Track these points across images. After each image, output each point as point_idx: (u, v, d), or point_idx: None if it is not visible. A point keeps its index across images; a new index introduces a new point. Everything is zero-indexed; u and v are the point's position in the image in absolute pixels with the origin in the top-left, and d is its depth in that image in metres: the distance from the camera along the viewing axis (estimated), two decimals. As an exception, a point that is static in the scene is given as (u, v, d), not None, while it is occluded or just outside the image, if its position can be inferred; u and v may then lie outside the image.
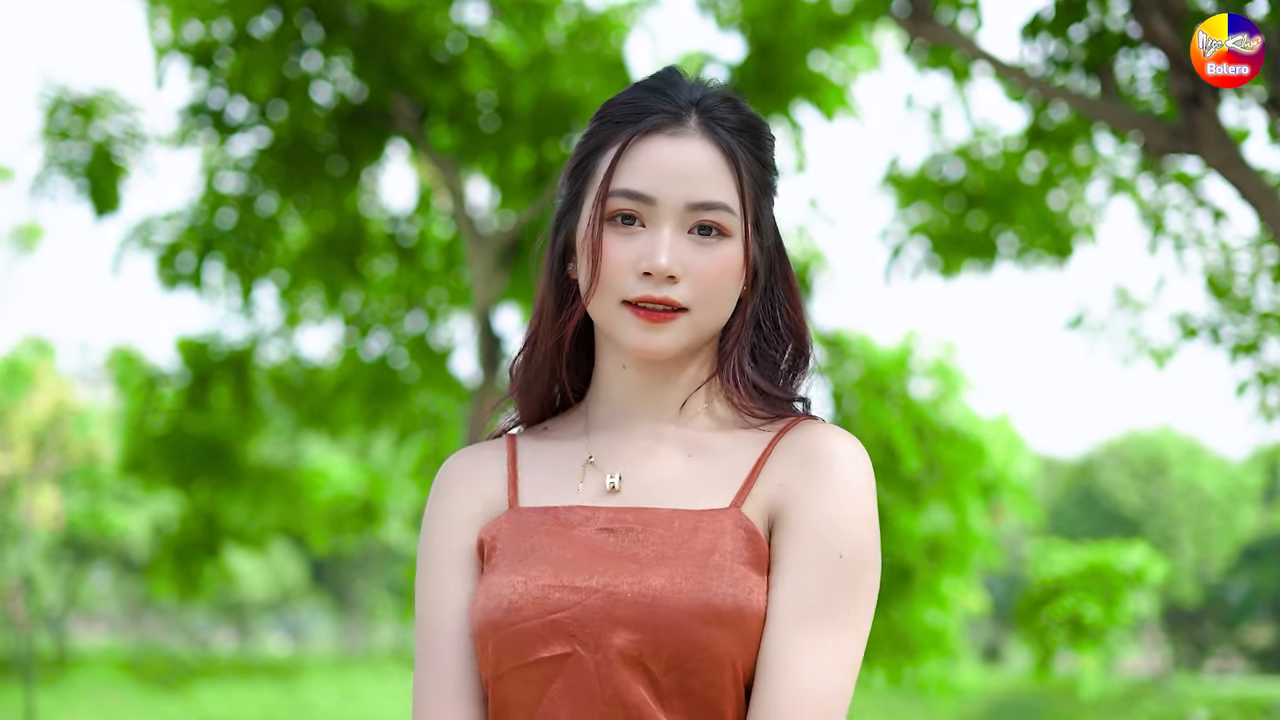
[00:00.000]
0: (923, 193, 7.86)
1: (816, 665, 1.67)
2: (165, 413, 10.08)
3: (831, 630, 1.69)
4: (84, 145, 8.88)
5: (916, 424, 8.34)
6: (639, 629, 1.70)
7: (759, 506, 1.76)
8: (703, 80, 1.89)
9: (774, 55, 7.73)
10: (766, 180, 1.87)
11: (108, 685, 33.11)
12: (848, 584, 1.71)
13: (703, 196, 1.79)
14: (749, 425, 1.84)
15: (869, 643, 7.48)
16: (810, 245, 9.15)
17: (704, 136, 1.82)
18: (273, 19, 8.16)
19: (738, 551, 1.72)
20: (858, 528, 1.72)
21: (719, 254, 1.80)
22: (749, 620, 1.70)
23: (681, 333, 1.80)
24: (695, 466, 1.82)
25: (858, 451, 1.76)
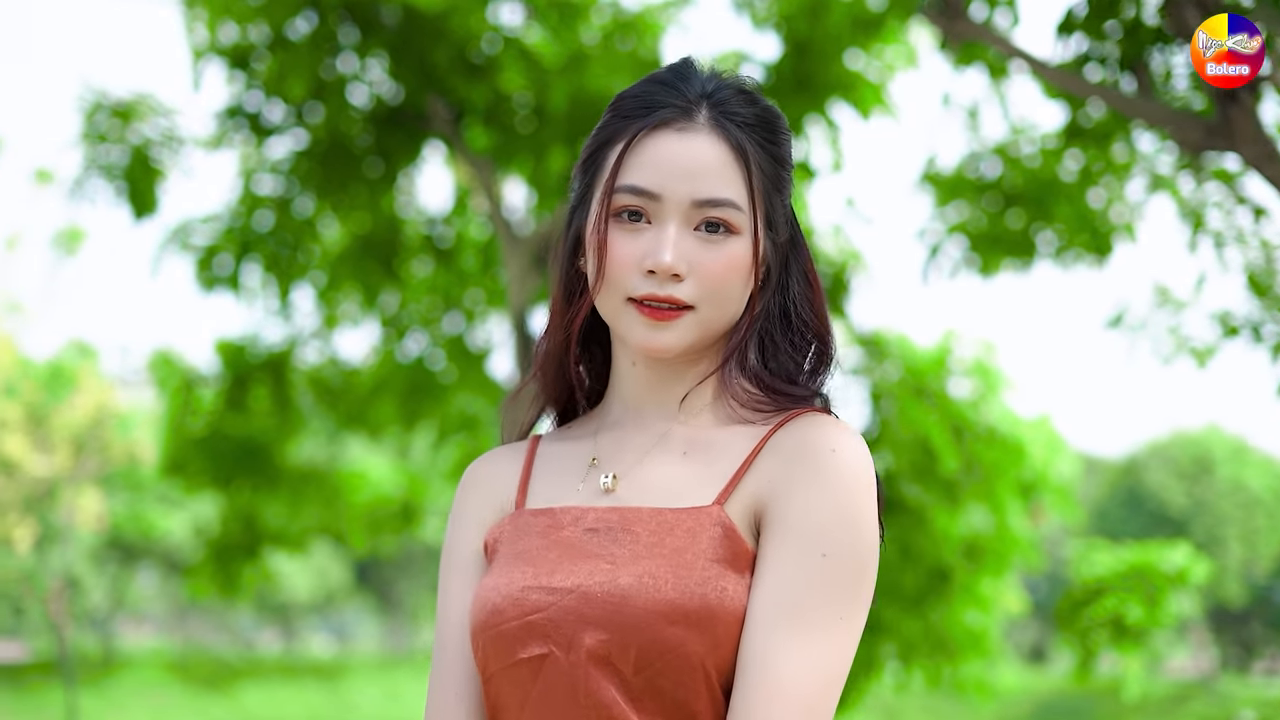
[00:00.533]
0: (960, 191, 7.81)
1: (794, 668, 1.63)
2: (204, 415, 10.11)
3: (811, 632, 1.64)
4: (122, 148, 8.92)
5: (955, 424, 8.28)
6: (607, 628, 1.68)
7: (744, 503, 1.73)
8: (718, 71, 1.86)
9: (809, 54, 7.69)
10: (779, 176, 1.84)
11: (154, 686, 33.32)
12: (831, 584, 1.66)
13: (709, 193, 1.77)
14: (749, 421, 1.81)
15: (907, 644, 7.47)
16: (847, 245, 9.10)
17: (713, 131, 1.79)
18: (309, 21, 8.17)
19: (712, 550, 1.69)
20: (844, 526, 1.68)
21: (726, 251, 1.77)
22: (720, 620, 1.66)
23: (687, 331, 1.78)
24: (690, 464, 1.80)
25: (852, 445, 1.71)
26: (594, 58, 7.90)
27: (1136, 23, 4.68)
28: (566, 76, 7.95)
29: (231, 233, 9.13)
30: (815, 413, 1.78)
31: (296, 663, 40.15)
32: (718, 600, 1.66)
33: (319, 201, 8.94)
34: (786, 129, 1.88)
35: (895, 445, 8.15)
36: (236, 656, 41.81)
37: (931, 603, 7.92)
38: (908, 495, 8.08)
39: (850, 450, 1.71)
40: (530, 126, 8.59)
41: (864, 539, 1.68)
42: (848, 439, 1.72)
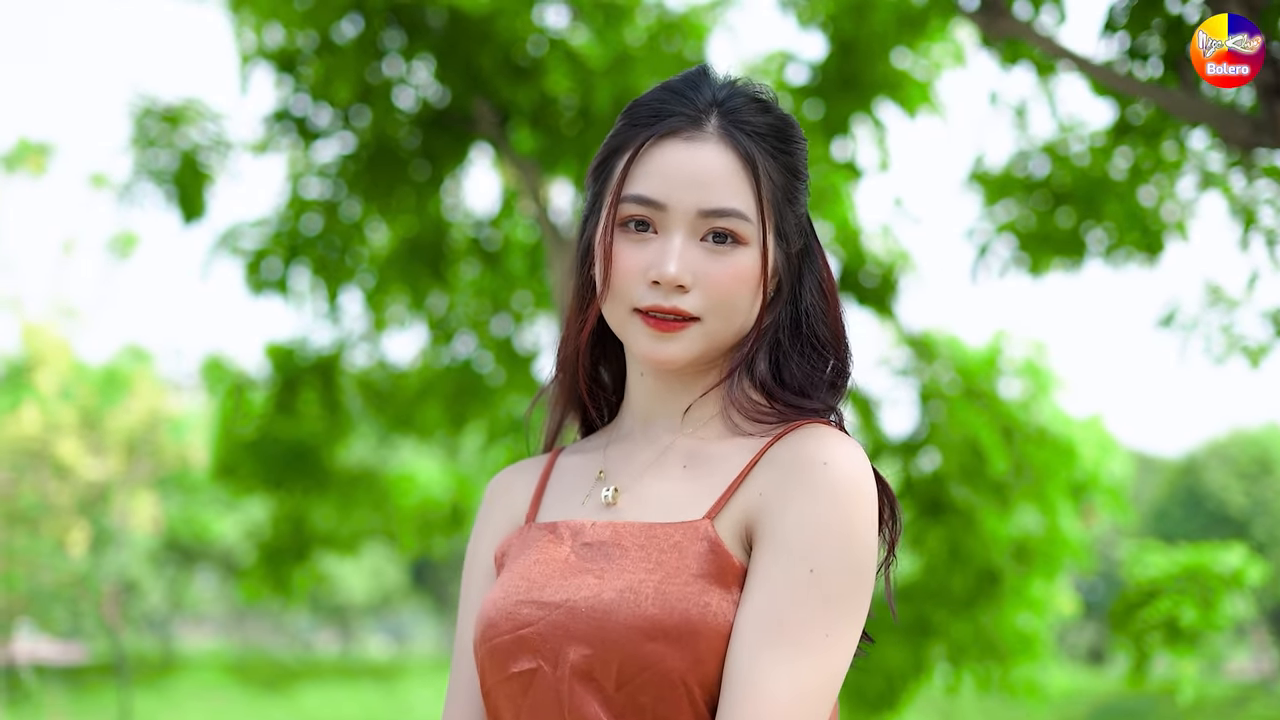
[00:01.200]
0: (1009, 190, 7.74)
1: (777, 688, 1.60)
2: (254, 418, 10.15)
3: (797, 651, 1.61)
4: (171, 153, 8.97)
5: (1005, 425, 8.21)
6: (590, 644, 1.67)
7: (735, 518, 1.70)
8: (733, 79, 1.83)
9: (855, 53, 7.65)
10: (791, 185, 1.82)
11: (212, 687, 33.55)
12: (818, 601, 1.62)
13: (715, 203, 1.74)
14: (749, 434, 1.78)
15: (957, 646, 7.40)
16: (895, 245, 9.05)
17: (721, 140, 1.76)
18: (355, 24, 8.19)
19: (698, 565, 1.67)
20: (833, 541, 1.64)
21: (732, 262, 1.75)
22: (702, 636, 1.64)
23: (693, 342, 1.76)
24: (689, 478, 1.78)
25: (847, 458, 1.68)
26: (639, 59, 7.87)
27: (1180, 19, 4.62)
28: (611, 78, 7.93)
29: (280, 236, 9.16)
30: (815, 425, 1.74)
31: (353, 664, 40.36)
32: (700, 616, 1.64)
33: (366, 205, 8.96)
34: (800, 138, 1.85)
35: (944, 446, 8.10)
36: (294, 658, 42.08)
37: (981, 605, 7.86)
38: (956, 497, 8.02)
39: (844, 463, 1.67)
40: (576, 129, 8.59)
41: (855, 555, 1.65)
42: (843, 452, 1.69)
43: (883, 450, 8.33)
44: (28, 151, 31.62)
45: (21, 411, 27.16)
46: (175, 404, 28.66)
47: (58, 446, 26.38)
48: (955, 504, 8.00)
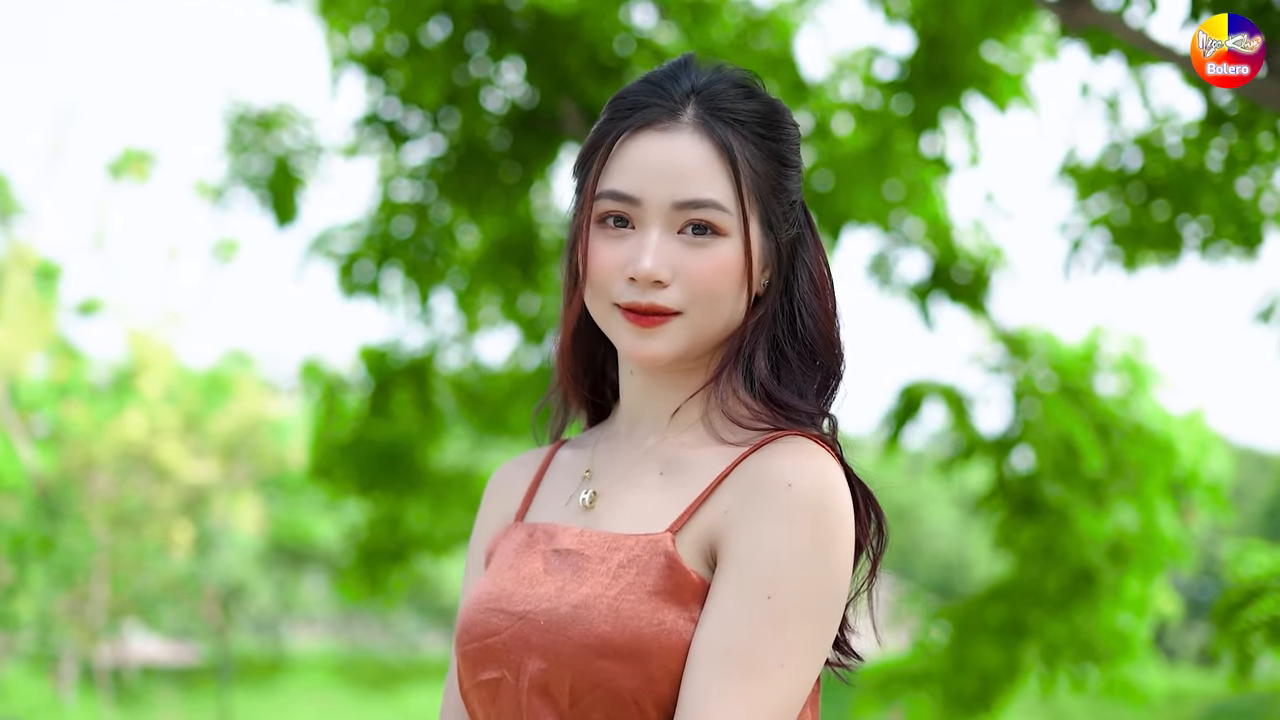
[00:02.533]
0: (1101, 183, 7.62)
1: (728, 715, 1.56)
2: (349, 421, 10.22)
3: (751, 678, 1.57)
4: (264, 158, 9.07)
5: (1101, 422, 8.09)
6: (546, 658, 1.65)
7: (699, 533, 1.66)
8: (718, 66, 1.78)
9: (942, 47, 7.57)
10: (778, 172, 1.76)
11: (320, 688, 33.91)
12: (775, 628, 1.58)
13: (690, 194, 1.70)
14: (727, 442, 1.73)
15: (1051, 648, 7.29)
16: (987, 241, 8.95)
17: (697, 130, 1.72)
18: (442, 27, 8.22)
19: (654, 581, 1.63)
20: (793, 567, 1.59)
21: (712, 254, 1.71)
22: (654, 655, 1.60)
23: (676, 337, 1.72)
24: (663, 485, 1.74)
25: (814, 479, 1.62)
26: (724, 56, 7.84)
27: (1267, 5, 4.52)
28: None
29: (372, 240, 9.21)
30: (793, 438, 1.68)
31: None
32: (652, 635, 1.60)
33: (456, 207, 8.99)
34: (789, 123, 1.80)
35: (1038, 444, 8.00)
36: (400, 659, 42.40)
37: (1077, 604, 7.76)
38: (1050, 496, 7.92)
39: (810, 485, 1.62)
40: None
41: (816, 581, 1.60)
42: (812, 471, 1.63)
43: (976, 449, 8.24)
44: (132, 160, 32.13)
45: (126, 416, 27.62)
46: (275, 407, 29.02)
47: (160, 450, 26.79)
48: (1049, 503, 7.89)
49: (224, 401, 28.21)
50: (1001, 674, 7.85)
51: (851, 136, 8.32)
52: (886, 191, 8.20)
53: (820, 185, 8.40)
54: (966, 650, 7.87)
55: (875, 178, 8.06)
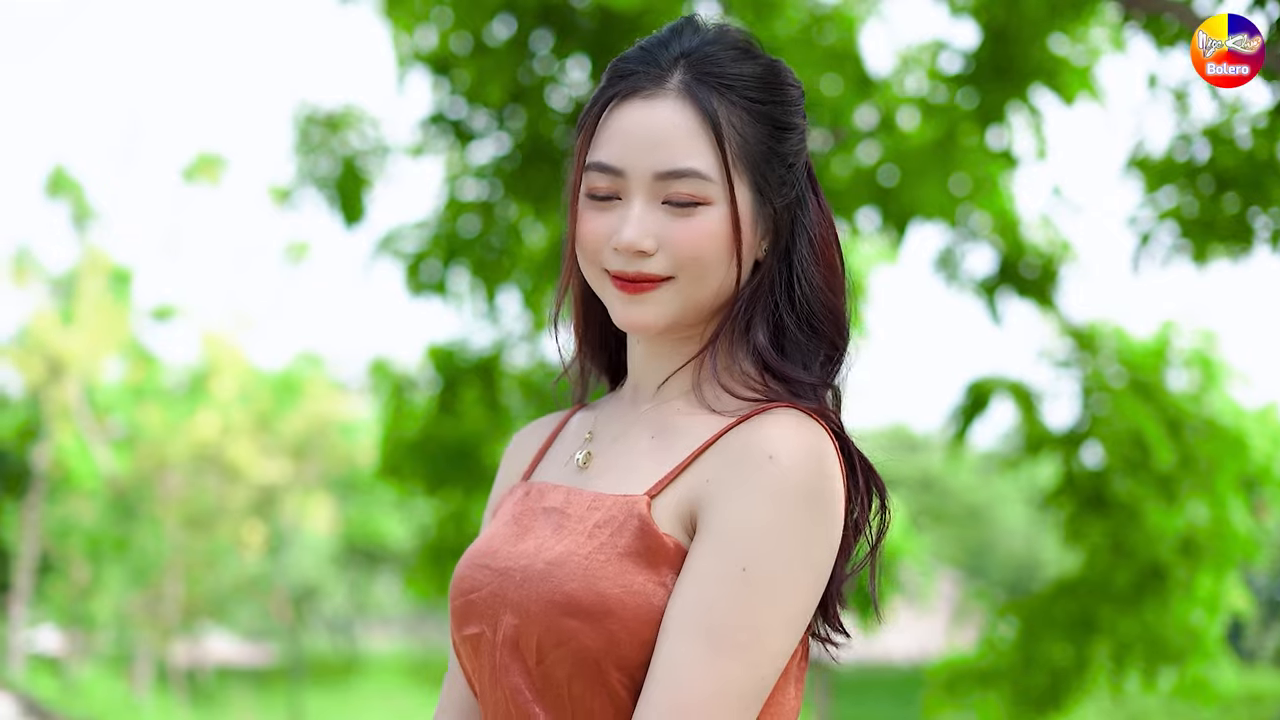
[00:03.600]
0: (1170, 176, 7.54)
1: (697, 685, 1.55)
2: (418, 419, 10.27)
3: (722, 650, 1.56)
4: (332, 159, 9.13)
5: (1172, 418, 8.01)
6: (518, 613, 1.65)
7: (678, 499, 1.65)
8: (723, 27, 1.77)
9: (1007, 40, 7.52)
10: (772, 136, 1.74)
11: (394, 689, 34.07)
12: (748, 600, 1.57)
13: (670, 164, 1.68)
14: (721, 410, 1.71)
15: (1121, 646, 7.22)
16: (1056, 235, 8.88)
17: (680, 97, 1.70)
18: (506, 26, 8.25)
19: (625, 543, 1.63)
20: (771, 541, 1.58)
21: (697, 223, 1.69)
22: (618, 617, 1.60)
23: (667, 304, 1.71)
24: (653, 449, 1.73)
25: (797, 453, 1.60)
26: (787, 50, 7.81)
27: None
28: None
29: (438, 239, 9.25)
30: (784, 410, 1.66)
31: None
32: (617, 596, 1.60)
33: (521, 205, 9.02)
34: (788, 84, 1.77)
35: (1107, 439, 7.93)
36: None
37: (1147, 601, 7.68)
38: (1120, 491, 7.85)
39: (792, 458, 1.60)
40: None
41: (794, 556, 1.59)
42: (796, 444, 1.61)
43: (1044, 444, 8.18)
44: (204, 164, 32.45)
45: (199, 417, 27.91)
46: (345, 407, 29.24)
47: (231, 450, 27.06)
48: (1118, 498, 7.82)
49: (295, 402, 28.44)
50: (1071, 671, 7.79)
51: (917, 131, 8.28)
52: (953, 186, 8.15)
53: (886, 180, 8.37)
54: (1035, 647, 7.81)
55: (941, 172, 8.01)
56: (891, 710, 29.11)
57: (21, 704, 28.24)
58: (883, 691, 30.64)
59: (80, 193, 35.15)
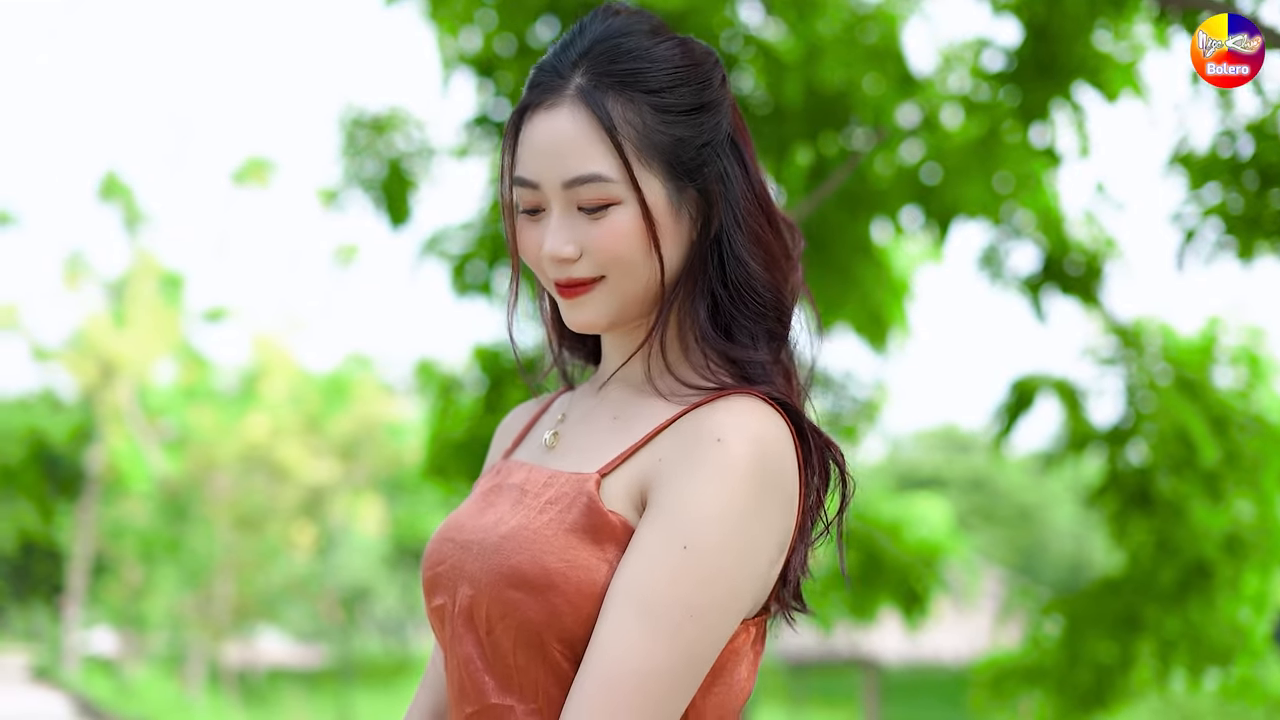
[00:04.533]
0: (1213, 172, 7.51)
1: (632, 660, 1.58)
2: (463, 419, 10.31)
3: (657, 624, 1.59)
4: (378, 161, 9.20)
5: (1217, 415, 7.97)
6: (473, 585, 1.71)
7: (629, 479, 1.69)
8: (626, 14, 1.78)
9: (1050, 37, 7.51)
10: (675, 123, 1.76)
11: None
12: (687, 579, 1.60)
13: (572, 173, 1.73)
14: (674, 395, 1.76)
15: (1166, 644, 7.19)
16: (1100, 232, 8.86)
17: (576, 102, 1.74)
18: (550, 27, 8.29)
19: (573, 519, 1.68)
20: (714, 523, 1.61)
21: (610, 224, 1.73)
22: (559, 591, 1.64)
23: (604, 303, 1.76)
24: (613, 430, 1.78)
25: (746, 437, 1.64)
26: (829, 50, 7.83)
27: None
28: (801, 71, 7.90)
29: (483, 240, 9.29)
30: (740, 395, 1.70)
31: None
32: (560, 570, 1.64)
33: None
34: (692, 62, 1.80)
35: (1152, 437, 7.91)
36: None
37: (1192, 599, 7.65)
38: (1164, 489, 7.82)
39: (740, 441, 1.64)
40: (771, 123, 8.57)
41: (736, 536, 1.62)
42: (744, 428, 1.65)
43: (1088, 441, 8.15)
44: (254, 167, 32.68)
45: (249, 418, 28.11)
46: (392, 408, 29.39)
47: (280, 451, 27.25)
48: (1163, 495, 7.80)
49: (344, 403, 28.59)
50: (1116, 669, 7.77)
51: (960, 129, 8.28)
52: (996, 184, 8.15)
53: (928, 179, 8.37)
54: (1080, 644, 7.79)
55: (984, 170, 8.01)
56: (942, 713, 29.03)
57: (76, 704, 28.51)
58: (932, 692, 30.56)
59: (131, 197, 35.44)
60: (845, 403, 10.18)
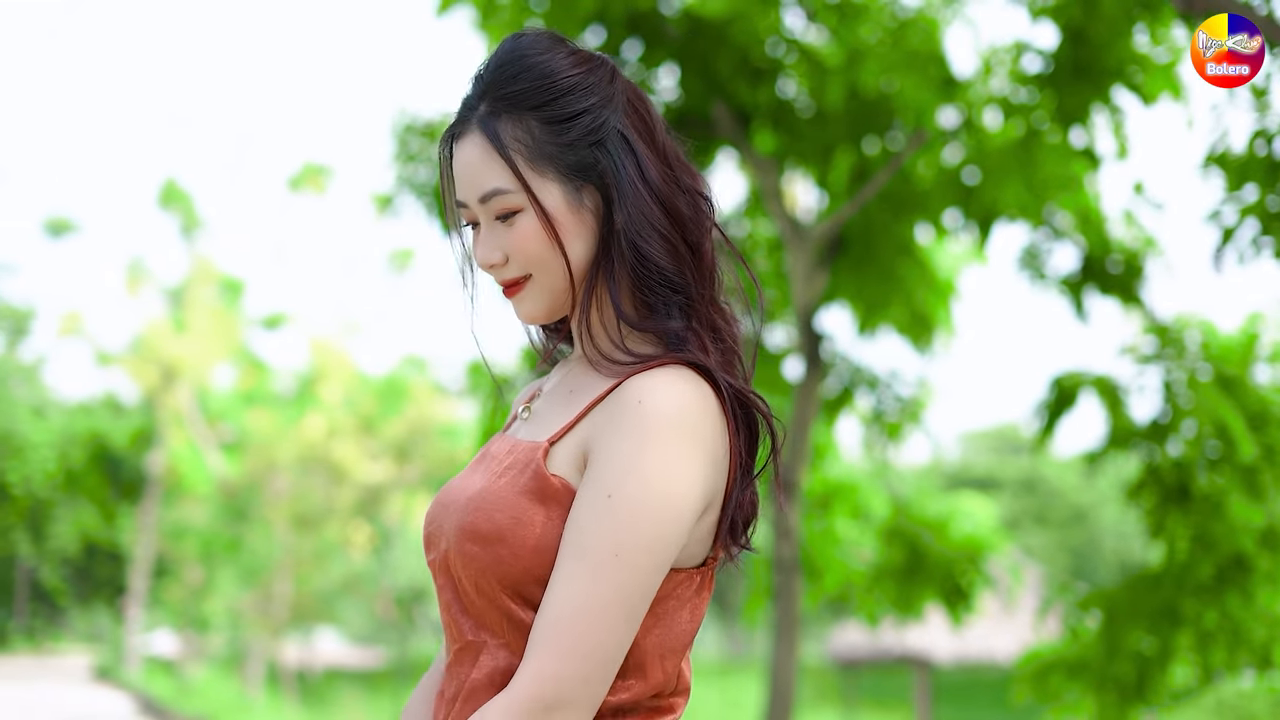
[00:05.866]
0: (1250, 172, 7.59)
1: (567, 599, 1.81)
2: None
3: (587, 568, 1.82)
4: (430, 167, 9.40)
5: (1256, 411, 8.05)
6: (447, 541, 1.97)
7: (574, 445, 1.92)
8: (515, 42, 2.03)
9: (1086, 41, 7.62)
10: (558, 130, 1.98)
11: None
12: (611, 523, 1.82)
13: (480, 190, 1.99)
14: (609, 371, 1.98)
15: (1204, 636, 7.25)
16: (1141, 231, 8.96)
17: (477, 129, 2.00)
18: (597, 35, 8.44)
19: (524, 482, 1.91)
20: (633, 472, 1.82)
21: (518, 229, 1.98)
22: (507, 544, 1.88)
23: (536, 298, 2.02)
24: (567, 403, 2.02)
25: (664, 398, 1.86)
26: (871, 55, 7.95)
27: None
28: (843, 75, 8.03)
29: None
30: (665, 365, 1.92)
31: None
32: (510, 526, 1.88)
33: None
34: (576, 73, 2.02)
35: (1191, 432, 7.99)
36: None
37: (1230, 592, 7.73)
38: (1202, 485, 7.90)
39: (659, 402, 1.85)
40: (814, 127, 8.71)
41: (653, 483, 1.83)
42: (663, 390, 1.87)
43: (1131, 438, 8.23)
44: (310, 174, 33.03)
45: (307, 420, 28.40)
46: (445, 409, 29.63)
47: (336, 451, 27.53)
48: (1201, 491, 7.88)
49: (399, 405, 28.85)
50: (1155, 662, 7.86)
51: (1000, 131, 8.39)
52: (1036, 185, 8.24)
53: (970, 180, 8.49)
54: (1118, 637, 7.89)
55: (1024, 171, 8.12)
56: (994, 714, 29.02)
57: (138, 702, 28.89)
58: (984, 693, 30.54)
59: (191, 204, 35.88)
60: (889, 402, 10.29)
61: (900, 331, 9.64)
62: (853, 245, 9.21)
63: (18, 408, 41.97)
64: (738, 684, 34.11)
